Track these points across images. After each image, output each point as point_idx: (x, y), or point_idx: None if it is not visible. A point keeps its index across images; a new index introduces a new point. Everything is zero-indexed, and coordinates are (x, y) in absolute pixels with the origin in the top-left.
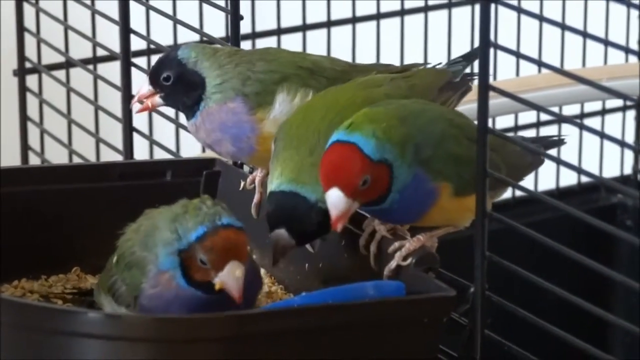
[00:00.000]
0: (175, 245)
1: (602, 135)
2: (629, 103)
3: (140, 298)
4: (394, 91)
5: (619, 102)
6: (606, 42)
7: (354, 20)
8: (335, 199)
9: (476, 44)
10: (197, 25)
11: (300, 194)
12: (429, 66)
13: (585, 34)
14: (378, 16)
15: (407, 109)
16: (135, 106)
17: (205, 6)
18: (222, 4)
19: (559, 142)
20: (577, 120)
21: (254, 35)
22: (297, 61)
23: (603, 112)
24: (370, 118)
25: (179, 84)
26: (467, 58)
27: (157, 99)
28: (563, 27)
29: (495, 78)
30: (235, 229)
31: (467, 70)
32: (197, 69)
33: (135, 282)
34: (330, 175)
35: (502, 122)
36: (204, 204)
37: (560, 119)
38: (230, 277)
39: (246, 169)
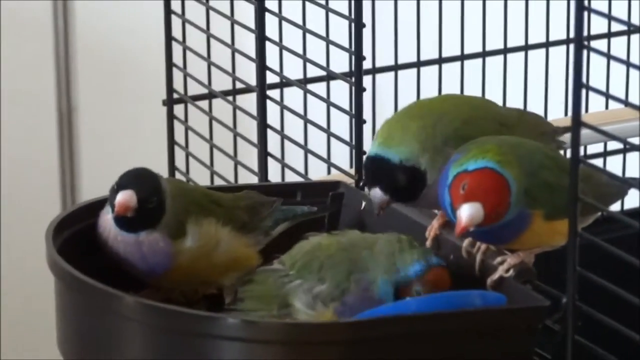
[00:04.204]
0: (393, 277)
1: None
2: None
3: (346, 297)
4: (508, 115)
5: None
6: None
7: (462, 57)
8: (475, 212)
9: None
10: (324, 63)
11: (385, 157)
12: None
13: None
14: (484, 54)
15: (509, 142)
16: None
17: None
18: (346, 41)
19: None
20: None
21: (374, 71)
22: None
23: None
24: (509, 160)
25: None
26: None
27: None
28: None
29: (587, 110)
30: (444, 267)
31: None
32: None
33: (337, 280)
34: (479, 192)
35: (592, 149)
36: (414, 243)
37: (631, 148)
38: None
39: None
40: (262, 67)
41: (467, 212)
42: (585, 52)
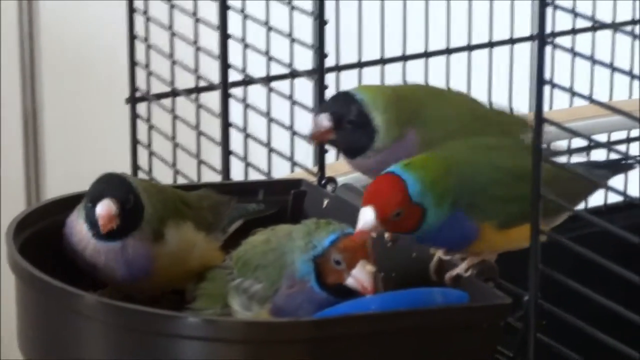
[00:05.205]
0: (310, 253)
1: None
2: None
3: (276, 297)
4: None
5: None
6: None
7: (426, 54)
8: (367, 216)
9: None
10: (287, 60)
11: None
12: None
13: (632, 75)
14: (448, 51)
15: (457, 159)
16: None
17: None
18: (310, 40)
19: (628, 166)
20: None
21: (337, 68)
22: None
23: None
24: (424, 165)
25: None
26: None
27: None
28: (613, 68)
29: (551, 107)
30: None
31: None
32: None
33: (272, 279)
34: (372, 195)
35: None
36: (332, 221)
37: (595, 145)
38: (362, 272)
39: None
40: (224, 65)
41: (361, 218)
42: (548, 48)
